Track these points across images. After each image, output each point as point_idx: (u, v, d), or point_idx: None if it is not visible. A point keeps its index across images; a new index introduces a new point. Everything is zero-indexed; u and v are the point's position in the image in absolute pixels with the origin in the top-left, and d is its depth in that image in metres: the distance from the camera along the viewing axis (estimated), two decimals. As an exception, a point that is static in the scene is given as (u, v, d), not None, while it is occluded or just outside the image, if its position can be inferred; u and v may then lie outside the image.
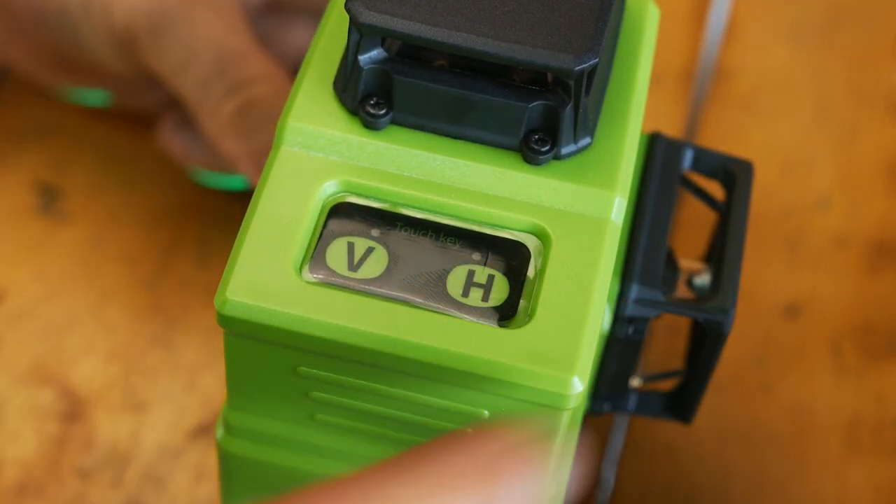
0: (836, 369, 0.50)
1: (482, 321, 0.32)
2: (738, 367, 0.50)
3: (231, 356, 0.33)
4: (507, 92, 0.34)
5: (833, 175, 0.56)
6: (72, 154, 0.55)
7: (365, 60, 0.34)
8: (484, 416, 0.32)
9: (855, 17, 0.62)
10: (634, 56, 0.37)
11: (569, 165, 0.34)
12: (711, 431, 0.48)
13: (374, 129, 0.34)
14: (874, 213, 0.55)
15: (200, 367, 0.49)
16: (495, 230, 0.33)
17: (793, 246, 0.54)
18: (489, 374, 0.31)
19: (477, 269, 0.33)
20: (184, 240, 0.52)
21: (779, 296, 0.52)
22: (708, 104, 0.58)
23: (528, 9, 0.33)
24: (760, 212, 0.54)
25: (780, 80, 0.59)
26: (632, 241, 0.38)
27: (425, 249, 0.33)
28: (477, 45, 0.32)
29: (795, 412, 0.49)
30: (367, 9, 0.33)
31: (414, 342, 0.31)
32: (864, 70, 0.60)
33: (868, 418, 0.49)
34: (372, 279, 0.32)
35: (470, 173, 0.34)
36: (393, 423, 0.33)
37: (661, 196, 0.40)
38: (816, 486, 0.47)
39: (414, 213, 0.34)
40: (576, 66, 0.32)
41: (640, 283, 0.38)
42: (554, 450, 0.33)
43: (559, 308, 0.32)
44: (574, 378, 0.31)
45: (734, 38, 0.61)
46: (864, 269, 0.53)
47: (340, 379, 0.33)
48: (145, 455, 0.47)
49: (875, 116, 0.58)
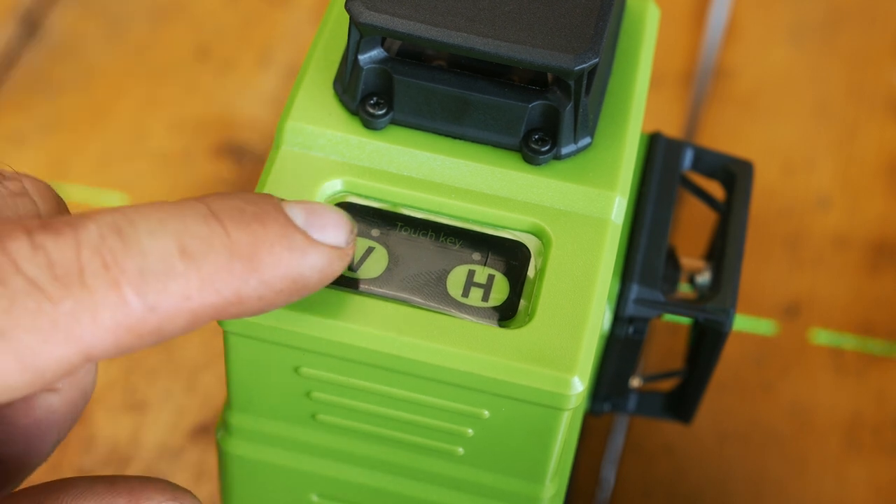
0: (836, 369, 0.50)
1: (482, 321, 0.32)
2: (738, 367, 0.50)
3: (231, 356, 0.33)
4: (507, 92, 0.34)
5: (833, 175, 0.56)
6: (72, 154, 0.55)
7: (365, 60, 0.34)
8: (484, 416, 0.32)
9: (855, 17, 0.62)
10: (634, 56, 0.37)
11: (569, 165, 0.34)
12: (711, 431, 0.48)
13: (374, 129, 0.34)
14: (874, 213, 0.55)
15: (200, 367, 0.49)
16: (495, 230, 0.33)
17: (793, 246, 0.54)
18: (489, 374, 0.31)
19: (477, 269, 0.33)
20: (184, 240, 0.52)
21: (779, 296, 0.52)
22: (708, 104, 0.58)
23: (528, 9, 0.33)
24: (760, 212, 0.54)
25: (779, 80, 0.59)
26: (632, 241, 0.38)
27: (425, 249, 0.33)
28: (477, 44, 0.32)
29: (795, 412, 0.49)
30: (367, 9, 0.33)
31: (414, 342, 0.31)
32: (864, 70, 0.60)
33: (868, 418, 0.49)
34: (372, 279, 0.32)
35: (470, 173, 0.34)
36: (393, 423, 0.33)
37: (661, 196, 0.40)
38: (816, 486, 0.47)
39: (414, 213, 0.34)
40: (576, 66, 0.32)
41: (640, 283, 0.38)
42: (554, 450, 0.33)
43: (559, 308, 0.32)
44: (574, 378, 0.31)
45: (734, 38, 0.61)
46: (864, 269, 0.53)
47: (341, 379, 0.33)
48: (145, 455, 0.47)
49: (875, 116, 0.58)
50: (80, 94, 0.57)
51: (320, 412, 0.34)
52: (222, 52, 0.59)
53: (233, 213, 0.28)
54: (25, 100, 0.56)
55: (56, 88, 0.57)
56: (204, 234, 0.27)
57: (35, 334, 0.25)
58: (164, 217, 0.27)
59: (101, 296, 0.26)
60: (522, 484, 0.34)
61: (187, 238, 0.27)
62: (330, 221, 0.29)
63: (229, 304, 0.28)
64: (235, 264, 0.27)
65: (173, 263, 0.27)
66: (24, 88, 0.56)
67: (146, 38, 0.59)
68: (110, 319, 0.26)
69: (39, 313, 0.25)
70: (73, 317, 0.26)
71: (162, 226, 0.27)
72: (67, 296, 0.26)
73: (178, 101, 0.57)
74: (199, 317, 0.27)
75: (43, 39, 0.59)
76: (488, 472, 0.34)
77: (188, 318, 0.27)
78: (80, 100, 0.57)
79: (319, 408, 0.34)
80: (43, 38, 0.59)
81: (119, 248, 0.26)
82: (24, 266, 0.26)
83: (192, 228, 0.27)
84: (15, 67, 0.57)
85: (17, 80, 0.56)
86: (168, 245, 0.27)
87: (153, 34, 0.59)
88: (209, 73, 0.58)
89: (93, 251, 0.26)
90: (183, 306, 0.27)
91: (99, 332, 0.26)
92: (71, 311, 0.26)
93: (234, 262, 0.27)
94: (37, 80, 0.57)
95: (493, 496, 0.35)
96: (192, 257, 0.27)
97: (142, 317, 0.26)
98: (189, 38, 0.60)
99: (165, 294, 0.27)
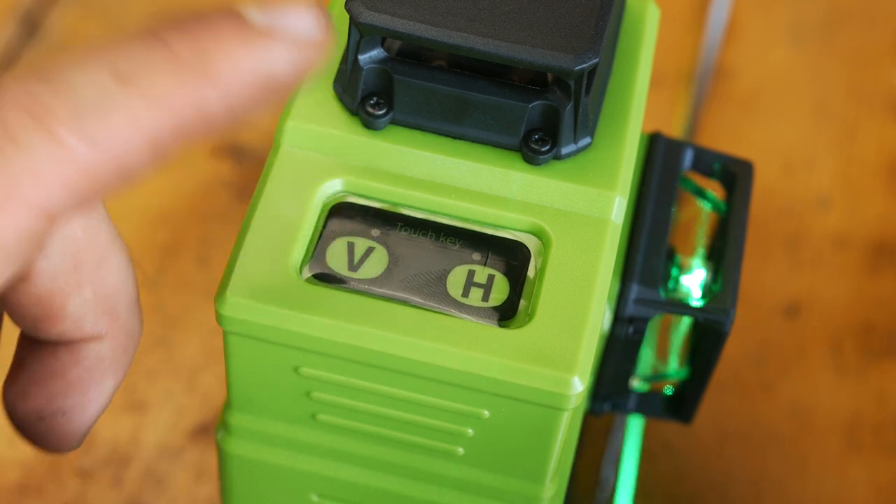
0: (836, 369, 0.50)
1: (482, 321, 0.32)
2: (738, 367, 0.50)
3: (231, 356, 0.33)
4: (507, 92, 0.34)
5: (833, 175, 0.56)
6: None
7: (365, 60, 0.34)
8: (484, 416, 0.32)
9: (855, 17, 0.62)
10: (634, 56, 0.37)
11: (569, 165, 0.34)
12: (711, 431, 0.48)
13: (374, 129, 0.34)
14: (874, 213, 0.55)
15: (200, 367, 0.49)
16: (495, 230, 0.33)
17: (793, 246, 0.54)
18: (489, 374, 0.31)
19: (477, 269, 0.33)
20: (184, 240, 0.52)
21: (779, 296, 0.52)
22: (708, 104, 0.58)
23: (528, 9, 0.33)
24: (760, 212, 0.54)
25: (779, 80, 0.59)
26: (632, 241, 0.38)
27: (425, 249, 0.33)
28: (477, 44, 0.32)
29: (795, 412, 0.49)
30: (367, 9, 0.33)
31: (414, 342, 0.31)
32: (864, 70, 0.60)
33: (868, 418, 0.49)
34: (372, 279, 0.32)
35: (470, 173, 0.34)
36: (393, 422, 0.33)
37: (661, 196, 0.40)
38: (816, 486, 0.47)
39: (414, 213, 0.34)
40: (576, 66, 0.32)
41: (640, 283, 0.38)
42: (554, 450, 0.33)
43: (559, 308, 0.32)
44: (574, 378, 0.31)
45: (734, 38, 0.61)
46: (864, 269, 0.53)
47: (341, 379, 0.33)
48: (145, 455, 0.47)
49: (875, 116, 0.58)
50: (80, 94, 0.57)
51: (320, 412, 0.34)
52: (222, 52, 0.59)
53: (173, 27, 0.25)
54: (25, 100, 0.56)
55: (56, 88, 0.57)
56: (141, 53, 0.25)
57: None
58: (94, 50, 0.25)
59: (36, 148, 0.24)
60: (522, 484, 0.34)
61: (122, 63, 0.25)
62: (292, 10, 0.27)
63: (193, 120, 0.25)
64: (185, 76, 0.25)
65: (109, 90, 0.25)
66: (24, 88, 0.56)
67: (146, 38, 0.59)
68: (56, 171, 0.24)
69: None
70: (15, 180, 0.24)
71: (91, 58, 0.25)
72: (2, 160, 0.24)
73: (178, 101, 0.57)
74: (159, 142, 0.25)
75: (43, 39, 0.59)
76: (488, 472, 0.34)
77: (147, 146, 0.25)
78: (80, 100, 0.57)
79: (319, 408, 0.34)
80: (43, 38, 0.59)
81: (45, 93, 0.24)
82: None
83: (127, 53, 0.25)
84: (15, 67, 0.57)
85: (17, 80, 0.56)
86: (100, 75, 0.25)
87: (153, 34, 0.59)
88: (209, 73, 0.58)
89: (18, 105, 0.24)
90: (134, 135, 0.25)
91: (50, 188, 0.24)
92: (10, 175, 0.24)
93: (183, 73, 0.25)
94: (37, 80, 0.57)
95: (493, 496, 0.35)
96: (131, 80, 0.25)
97: (90, 158, 0.24)
98: (189, 38, 0.59)
99: (107, 125, 0.24)
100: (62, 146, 0.24)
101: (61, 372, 0.31)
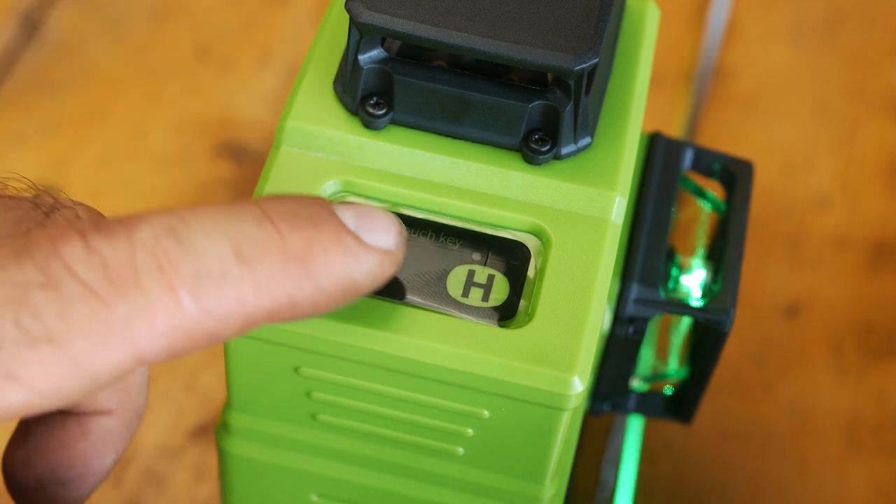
0: (836, 369, 0.50)
1: (482, 321, 0.32)
2: (738, 367, 0.50)
3: (231, 356, 0.33)
4: (507, 92, 0.34)
5: (833, 175, 0.56)
6: (72, 154, 0.55)
7: (365, 60, 0.34)
8: (484, 416, 0.32)
9: (855, 17, 0.62)
10: (634, 56, 0.37)
11: (569, 165, 0.34)
12: (711, 431, 0.48)
13: (374, 129, 0.34)
14: (874, 213, 0.55)
15: (200, 367, 0.49)
16: (495, 230, 0.33)
17: (793, 246, 0.54)
18: (489, 374, 0.31)
19: (477, 269, 0.33)
20: (184, 240, 0.52)
21: (778, 296, 0.52)
22: (708, 104, 0.58)
23: (528, 9, 0.33)
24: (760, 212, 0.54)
25: (779, 80, 0.59)
26: (632, 241, 0.38)
27: (425, 249, 0.33)
28: (477, 45, 0.32)
29: (795, 412, 0.49)
30: (367, 9, 0.33)
31: (414, 342, 0.31)
32: (864, 70, 0.60)
33: (868, 418, 0.49)
34: (372, 279, 0.32)
35: (470, 173, 0.34)
36: (393, 422, 0.33)
37: (661, 196, 0.40)
38: (816, 486, 0.47)
39: (414, 213, 0.34)
40: (576, 66, 0.32)
41: (640, 283, 0.38)
42: (554, 450, 0.33)
43: (559, 308, 0.32)
44: (574, 378, 0.31)
45: (734, 38, 0.61)
46: (864, 269, 0.53)
47: (341, 379, 0.33)
48: (145, 455, 0.47)
49: (875, 116, 0.58)
50: (80, 94, 0.57)
51: (320, 412, 0.34)
52: (222, 52, 0.59)
53: (286, 215, 0.27)
54: (25, 100, 0.56)
55: (56, 88, 0.57)
56: (258, 236, 0.27)
57: (90, 339, 0.25)
58: (218, 219, 0.27)
59: (155, 299, 0.26)
60: (522, 484, 0.34)
61: (242, 241, 0.27)
62: (380, 224, 0.29)
63: (283, 308, 0.27)
64: (290, 268, 0.27)
65: (229, 267, 0.26)
66: (24, 88, 0.56)
67: (146, 37, 0.59)
68: (165, 323, 0.26)
69: (94, 318, 0.25)
70: (128, 321, 0.25)
71: (216, 228, 0.27)
72: (122, 299, 0.25)
73: (178, 101, 0.57)
74: (252, 320, 0.27)
75: (43, 39, 0.59)
76: (488, 472, 0.34)
77: (242, 322, 0.27)
78: (80, 100, 0.57)
79: (319, 408, 0.34)
80: (43, 38, 0.59)
81: (174, 250, 0.26)
82: (78, 270, 0.25)
83: (247, 231, 0.27)
84: (15, 67, 0.57)
85: (17, 80, 0.56)
86: (223, 248, 0.26)
87: (153, 34, 0.59)
88: (209, 73, 0.58)
89: (147, 253, 0.26)
90: (237, 310, 0.26)
91: (153, 336, 0.26)
92: (126, 315, 0.25)
93: (289, 265, 0.27)
94: (37, 80, 0.57)
95: (493, 496, 0.35)
96: (247, 261, 0.26)
97: (196, 320, 0.26)
98: (189, 38, 0.60)
99: (220, 298, 0.26)
100: (177, 304, 0.26)
101: (68, 444, 0.31)
